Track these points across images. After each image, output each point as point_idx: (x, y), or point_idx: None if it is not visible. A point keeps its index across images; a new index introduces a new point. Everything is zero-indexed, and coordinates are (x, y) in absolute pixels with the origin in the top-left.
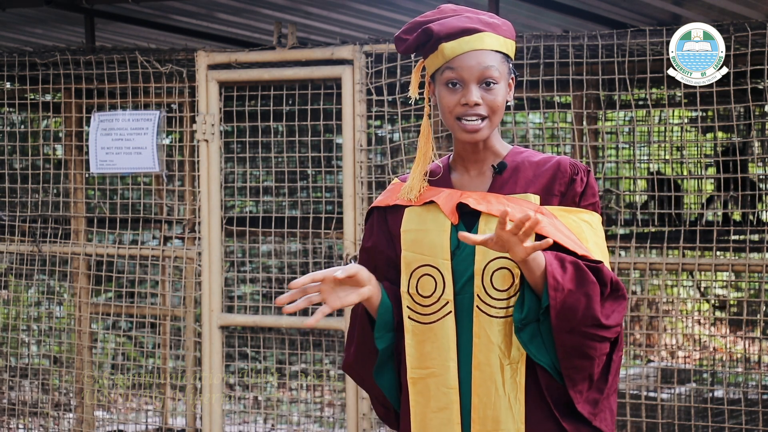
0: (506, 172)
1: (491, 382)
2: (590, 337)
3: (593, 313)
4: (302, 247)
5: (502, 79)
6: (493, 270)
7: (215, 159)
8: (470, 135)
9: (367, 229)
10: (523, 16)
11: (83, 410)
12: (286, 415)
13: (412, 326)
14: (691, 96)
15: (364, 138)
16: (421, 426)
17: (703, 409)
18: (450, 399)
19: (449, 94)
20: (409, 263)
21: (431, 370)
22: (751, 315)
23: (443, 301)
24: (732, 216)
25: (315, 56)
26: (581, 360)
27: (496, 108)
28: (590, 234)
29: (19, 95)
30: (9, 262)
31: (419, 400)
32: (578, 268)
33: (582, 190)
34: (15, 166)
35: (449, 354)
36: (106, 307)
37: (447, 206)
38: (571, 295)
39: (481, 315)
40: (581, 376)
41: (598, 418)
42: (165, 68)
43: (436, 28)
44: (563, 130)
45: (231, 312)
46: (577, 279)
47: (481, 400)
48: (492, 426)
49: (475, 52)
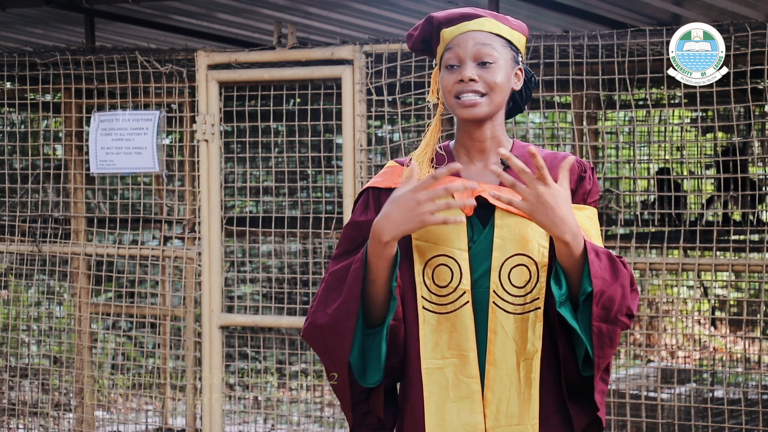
0: None
1: (507, 378)
2: (622, 326)
3: (628, 303)
4: (302, 247)
5: (502, 59)
6: (511, 267)
7: (215, 159)
8: (468, 110)
9: (360, 204)
10: (523, 16)
11: (83, 410)
12: (286, 415)
13: (428, 316)
14: (691, 96)
15: (364, 138)
16: (438, 416)
17: (703, 409)
18: (471, 389)
19: (448, 74)
20: (423, 252)
21: (450, 360)
22: (751, 315)
23: (460, 291)
24: (732, 216)
25: (315, 56)
26: (610, 348)
27: (494, 86)
28: (594, 231)
29: (19, 95)
30: (9, 262)
31: (435, 390)
32: (612, 259)
33: (590, 188)
34: (15, 166)
35: (468, 344)
36: (106, 307)
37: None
38: (610, 285)
39: (498, 310)
40: (604, 364)
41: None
42: (165, 68)
43: (437, 15)
44: (563, 130)
45: (231, 312)
46: (612, 269)
47: (495, 395)
48: (506, 421)
49: (472, 33)
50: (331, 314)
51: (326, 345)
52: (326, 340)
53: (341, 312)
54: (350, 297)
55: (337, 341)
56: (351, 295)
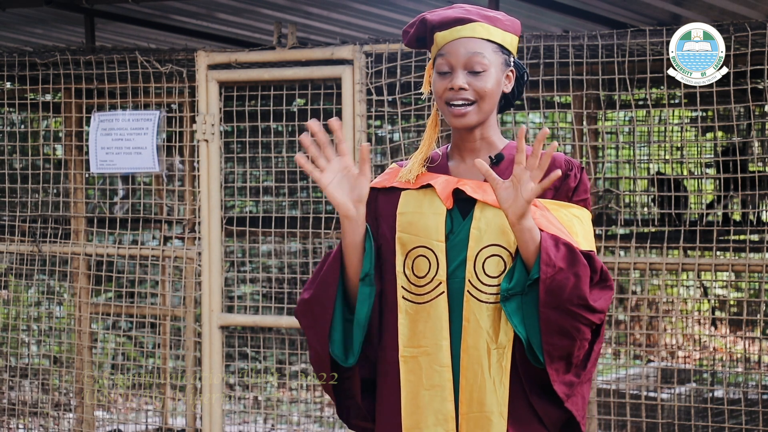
0: (503, 164)
1: (478, 365)
2: (574, 317)
3: (581, 293)
4: (302, 247)
5: (493, 67)
6: (486, 257)
7: (215, 159)
8: (458, 119)
9: None
10: (523, 16)
11: (83, 410)
12: (286, 415)
13: (406, 306)
14: (691, 96)
15: (364, 138)
16: (413, 403)
17: (703, 409)
18: (443, 377)
19: (439, 80)
20: (404, 244)
21: (424, 348)
22: (751, 315)
23: (436, 282)
24: (732, 216)
25: (315, 56)
26: (561, 338)
27: (483, 94)
28: (579, 228)
29: (19, 95)
30: (9, 262)
31: (410, 378)
32: (571, 249)
33: (575, 185)
34: (15, 166)
35: (442, 333)
36: (106, 307)
37: (443, 191)
38: (562, 272)
39: (472, 300)
40: (559, 354)
41: (571, 400)
42: (165, 68)
43: (430, 17)
44: (563, 130)
45: (231, 312)
46: (569, 258)
47: (468, 382)
48: (477, 408)
49: (464, 40)
50: (316, 287)
51: (313, 317)
52: (312, 312)
53: (323, 282)
54: (331, 269)
55: (321, 310)
56: (332, 268)
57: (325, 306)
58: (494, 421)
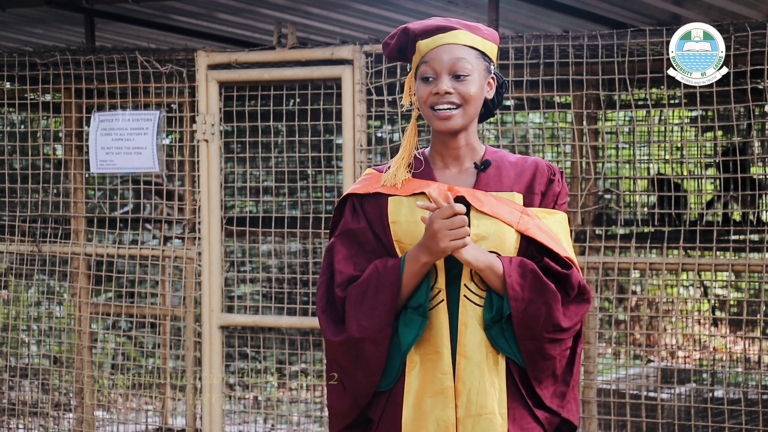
0: (489, 170)
1: (477, 368)
2: (551, 341)
3: (554, 320)
4: (302, 247)
5: (476, 72)
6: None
7: (215, 159)
8: (443, 123)
9: (347, 213)
10: (523, 16)
11: (83, 410)
12: (286, 415)
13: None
14: (691, 96)
15: (364, 138)
16: (416, 410)
17: (703, 409)
18: (444, 384)
19: (424, 86)
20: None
21: (427, 356)
22: (751, 315)
23: (436, 290)
24: (732, 216)
25: (315, 56)
26: (544, 361)
27: (468, 98)
28: (563, 234)
29: (19, 95)
30: (9, 262)
31: (414, 386)
32: (537, 277)
33: (560, 190)
34: (15, 166)
35: (443, 340)
36: (106, 307)
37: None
38: (532, 303)
39: (469, 304)
40: (546, 375)
41: (566, 409)
42: (165, 68)
43: (412, 27)
44: (563, 130)
45: (231, 312)
46: (536, 287)
47: (465, 386)
48: (476, 410)
49: (447, 46)
50: (367, 322)
51: (363, 356)
52: (363, 349)
53: (379, 320)
54: (386, 305)
55: (374, 348)
56: (386, 303)
57: (381, 345)
58: (495, 422)
